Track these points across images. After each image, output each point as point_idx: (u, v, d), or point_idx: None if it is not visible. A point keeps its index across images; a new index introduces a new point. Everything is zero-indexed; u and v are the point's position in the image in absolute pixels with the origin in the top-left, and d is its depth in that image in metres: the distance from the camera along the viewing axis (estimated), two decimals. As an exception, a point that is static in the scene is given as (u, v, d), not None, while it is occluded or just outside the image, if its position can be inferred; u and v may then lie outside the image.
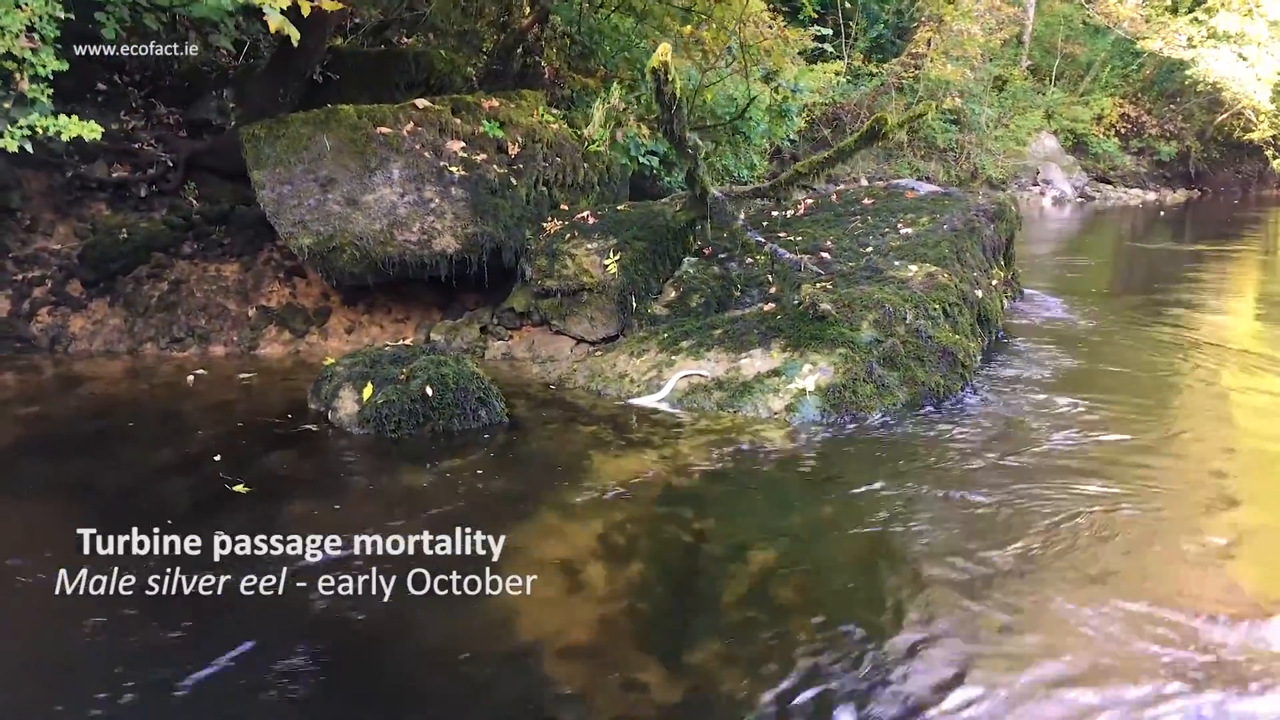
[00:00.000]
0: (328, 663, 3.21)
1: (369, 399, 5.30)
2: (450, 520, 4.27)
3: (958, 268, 7.22)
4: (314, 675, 3.14)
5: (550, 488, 4.64)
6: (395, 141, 7.14)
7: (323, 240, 6.77)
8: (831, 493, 4.53)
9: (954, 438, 5.20)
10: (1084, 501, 4.33)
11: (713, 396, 5.86)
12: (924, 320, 6.20)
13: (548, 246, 7.32)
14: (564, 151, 8.31)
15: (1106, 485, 4.50)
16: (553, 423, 5.66)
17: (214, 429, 5.67)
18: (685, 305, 7.10)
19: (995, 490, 4.47)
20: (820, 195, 9.53)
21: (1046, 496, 4.39)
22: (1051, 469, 4.75)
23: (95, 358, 7.45)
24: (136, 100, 9.44)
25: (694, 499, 4.51)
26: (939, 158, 30.08)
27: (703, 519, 4.30)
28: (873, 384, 5.72)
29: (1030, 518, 4.16)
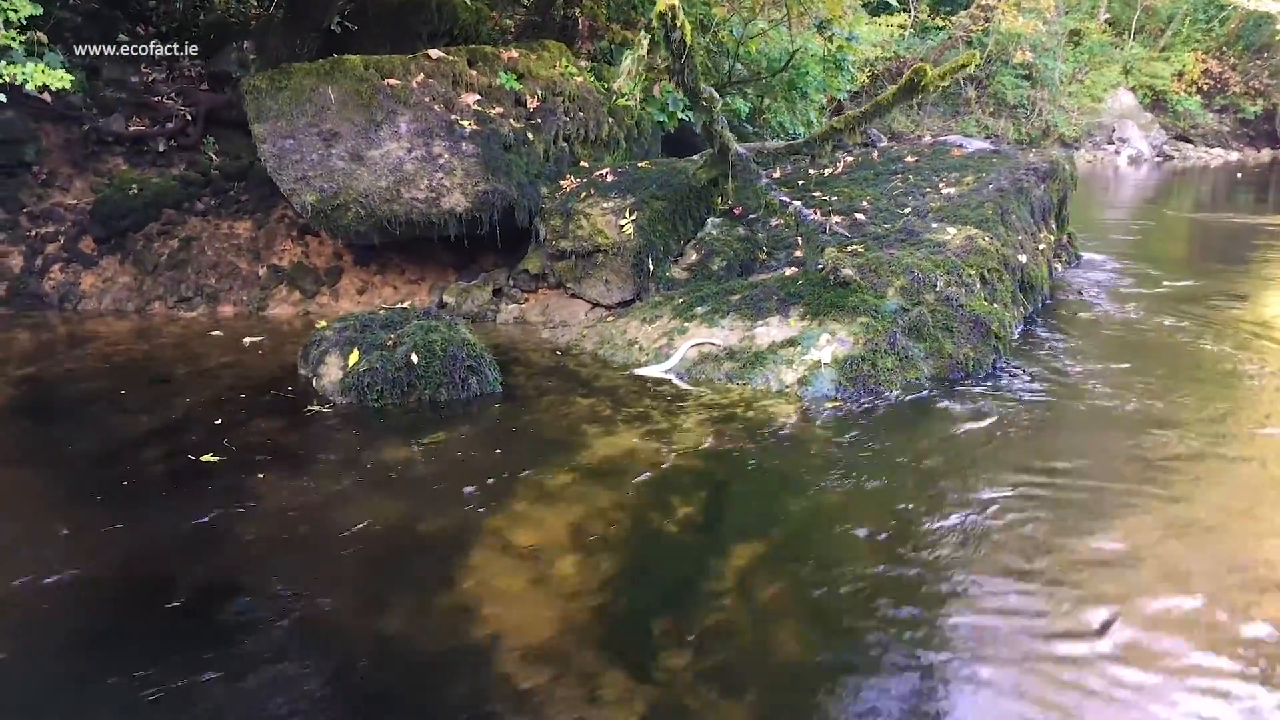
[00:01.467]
0: (270, 656, 2.93)
1: (353, 366, 5.02)
2: (421, 500, 4.01)
3: (1001, 230, 6.72)
4: (255, 668, 2.86)
5: (534, 466, 4.32)
6: (403, 94, 6.81)
7: (327, 198, 6.49)
8: (834, 479, 4.14)
9: (978, 417, 4.76)
10: (1124, 498, 3.89)
11: (723, 367, 5.48)
12: (956, 287, 5.73)
13: (562, 205, 6.96)
14: (588, 106, 7.92)
15: (1147, 482, 4.04)
16: (550, 393, 5.33)
17: (203, 394, 5.45)
18: (706, 269, 6.70)
19: (1020, 481, 4.04)
20: (863, 153, 9.02)
21: (1078, 492, 3.95)
22: (1086, 457, 4.30)
23: (104, 317, 7.30)
24: (159, 52, 9.24)
25: (684, 482, 4.15)
26: (1009, 115, 29.11)
27: (689, 505, 3.94)
28: (895, 356, 5.30)
29: (1062, 518, 3.73)
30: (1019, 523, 3.66)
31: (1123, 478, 4.05)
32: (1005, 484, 4.00)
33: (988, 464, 4.22)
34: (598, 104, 7.99)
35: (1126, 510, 3.75)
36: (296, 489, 4.15)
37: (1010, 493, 3.91)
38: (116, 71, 8.81)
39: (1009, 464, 4.21)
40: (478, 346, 5.21)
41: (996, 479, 4.05)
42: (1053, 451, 4.34)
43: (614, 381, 5.50)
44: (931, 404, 4.98)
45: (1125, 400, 4.96)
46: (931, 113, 29.46)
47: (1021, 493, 3.91)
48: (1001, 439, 4.50)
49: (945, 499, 3.88)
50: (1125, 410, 4.83)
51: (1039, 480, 4.03)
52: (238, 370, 5.90)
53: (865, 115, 7.15)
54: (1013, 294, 6.38)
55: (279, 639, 3.02)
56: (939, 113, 29.60)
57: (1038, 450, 4.37)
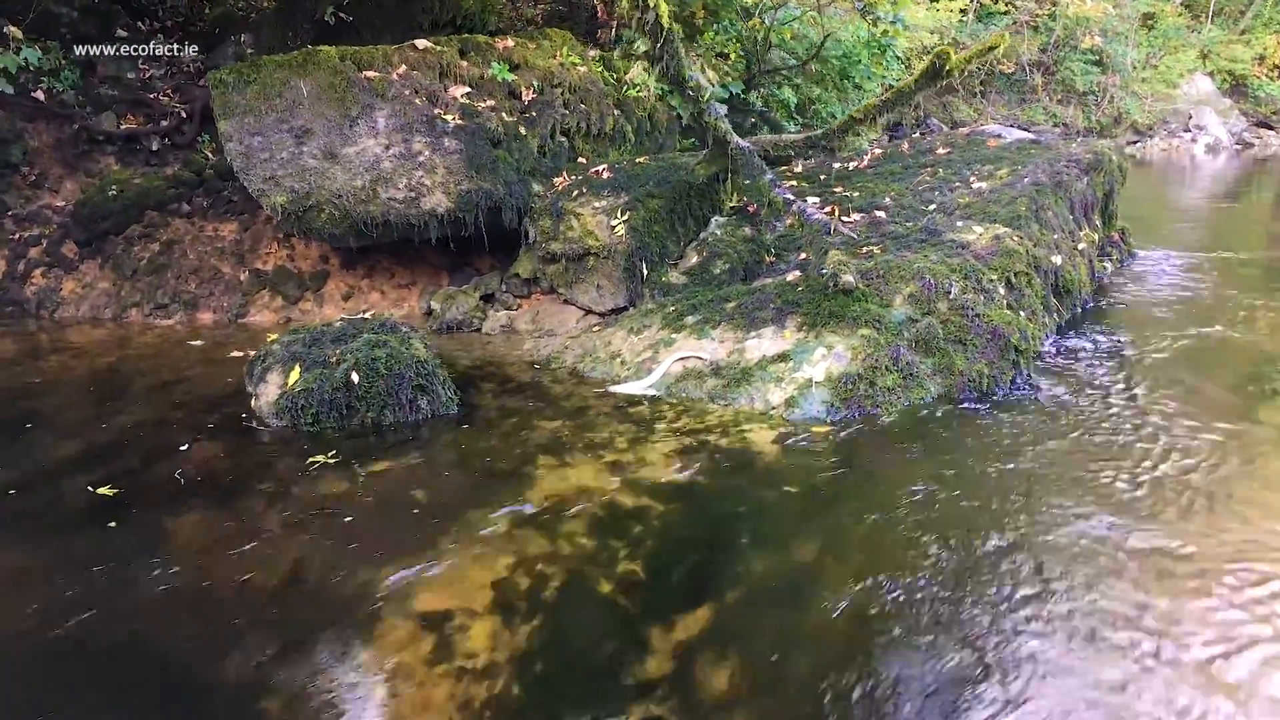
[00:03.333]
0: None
1: (291, 386, 4.57)
2: (339, 544, 3.54)
3: (1034, 229, 6.06)
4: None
5: (471, 505, 3.82)
6: (381, 87, 6.36)
7: (298, 198, 6.06)
8: (807, 527, 3.57)
9: (987, 450, 4.15)
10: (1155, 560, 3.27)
11: (706, 384, 4.93)
12: (974, 294, 5.11)
13: (553, 205, 6.45)
14: (590, 97, 7.40)
15: (1184, 530, 3.42)
16: (512, 415, 4.83)
17: (142, 414, 5.07)
18: (707, 273, 6.15)
19: (1030, 533, 3.44)
20: (892, 145, 8.38)
21: (1103, 552, 3.34)
22: (1113, 505, 3.67)
23: (80, 324, 6.99)
24: (161, 51, 8.93)
25: (633, 528, 3.62)
26: (1079, 102, 28.01)
27: (633, 559, 3.40)
28: (897, 373, 4.70)
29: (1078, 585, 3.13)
30: (1035, 599, 3.07)
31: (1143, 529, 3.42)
32: (1011, 543, 3.39)
33: (990, 514, 3.62)
34: (602, 95, 7.47)
35: (1157, 584, 3.14)
36: (208, 529, 3.72)
37: (1020, 557, 3.32)
38: (112, 68, 8.50)
39: (1016, 514, 3.60)
40: (430, 363, 4.73)
41: (1000, 535, 3.44)
42: (1070, 501, 3.72)
43: (585, 401, 4.98)
44: (935, 430, 4.38)
45: (1162, 430, 4.30)
46: (996, 101, 28.48)
47: (1035, 557, 3.31)
48: (1012, 478, 3.88)
49: (936, 562, 3.29)
50: (1161, 444, 4.17)
51: (1051, 538, 3.42)
52: (193, 386, 5.51)
53: (886, 104, 6.56)
54: (1043, 300, 5.73)
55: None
56: (1004, 101, 28.59)
57: (1052, 493, 3.74)
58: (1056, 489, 3.73)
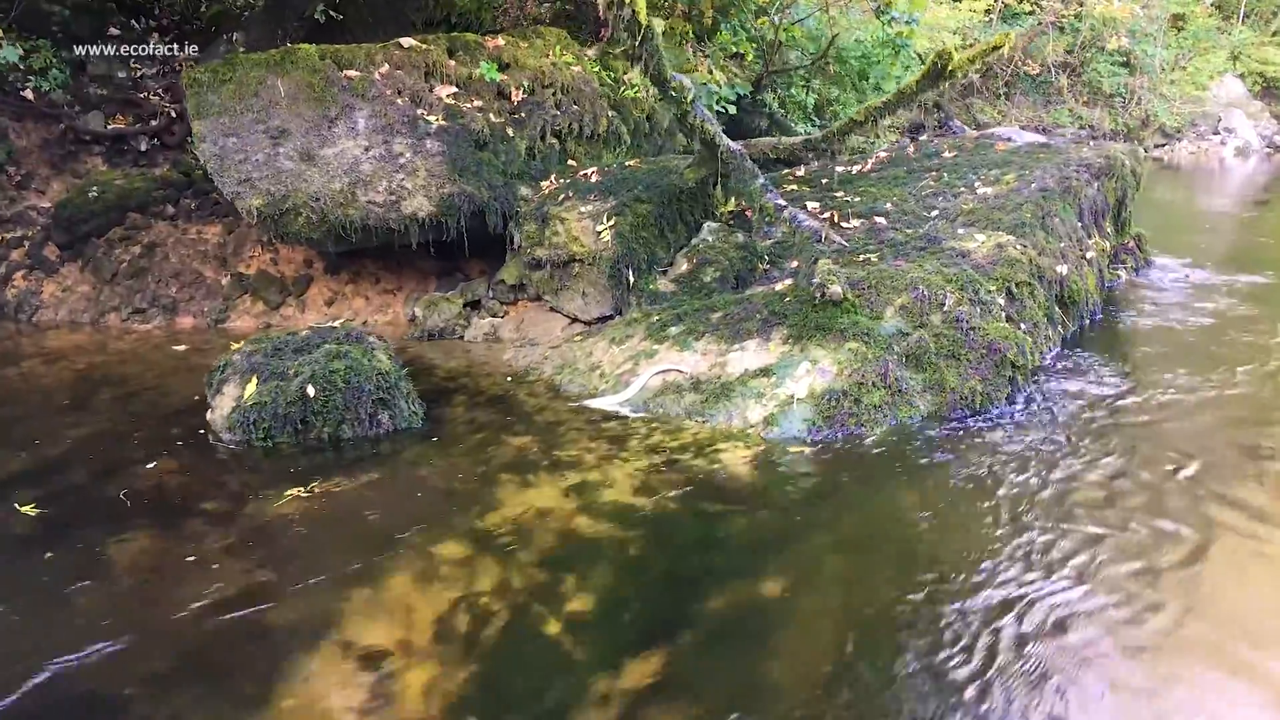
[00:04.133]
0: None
1: (246, 399, 4.36)
2: (283, 571, 3.33)
3: (1039, 237, 5.78)
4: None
5: (425, 529, 3.60)
6: (361, 86, 6.15)
7: (274, 201, 5.85)
8: (775, 560, 3.32)
9: (974, 473, 3.89)
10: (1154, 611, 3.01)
11: (684, 400, 4.69)
12: (969, 306, 4.84)
13: (538, 209, 6.22)
14: (584, 98, 7.17)
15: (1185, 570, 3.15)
16: (481, 430, 4.60)
17: (102, 425, 4.88)
18: (697, 280, 5.89)
19: (1016, 573, 3.19)
20: (898, 148, 8.11)
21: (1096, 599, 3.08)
22: (1107, 544, 3.41)
23: (59, 329, 6.81)
24: (159, 51, 8.78)
25: (590, 559, 3.39)
26: (1105, 104, 27.52)
27: (587, 593, 3.17)
28: (885, 390, 4.44)
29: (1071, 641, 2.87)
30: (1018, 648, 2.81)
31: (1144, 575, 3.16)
32: (996, 585, 3.13)
33: (975, 550, 3.36)
34: (595, 96, 7.23)
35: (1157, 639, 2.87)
36: (146, 554, 3.51)
37: (1007, 601, 3.06)
38: (102, 67, 8.35)
39: (1002, 551, 3.34)
40: (393, 375, 4.50)
41: (985, 577, 3.19)
42: (1058, 536, 3.45)
43: (559, 416, 4.75)
44: (921, 453, 4.12)
45: (1162, 457, 4.03)
46: (1021, 103, 28.01)
47: (1020, 603, 3.05)
48: (1001, 508, 3.62)
49: (915, 606, 3.03)
50: (1160, 474, 3.90)
51: (1036, 582, 3.16)
52: (159, 395, 5.32)
53: (888, 106, 6.32)
54: (1047, 312, 5.45)
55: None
56: (1029, 103, 28.12)
57: (1038, 529, 3.48)
58: (1043, 526, 3.46)
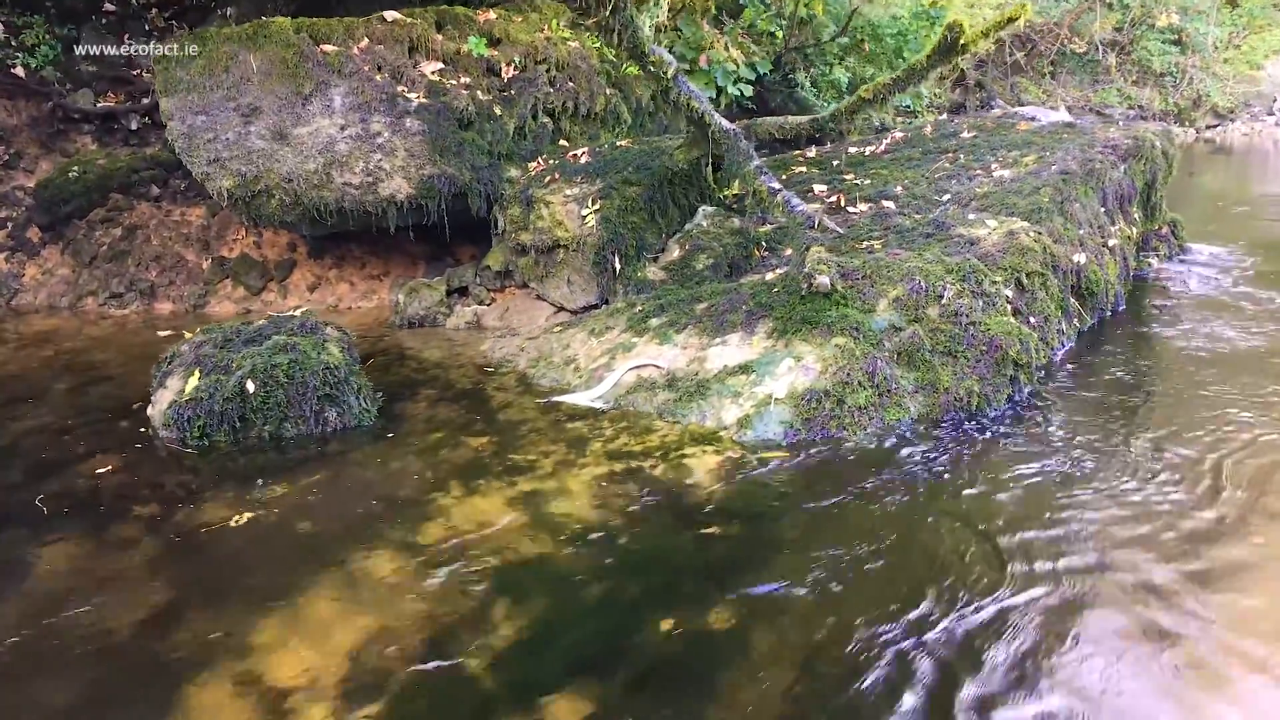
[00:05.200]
0: None
1: (184, 394, 4.10)
2: (195, 591, 3.05)
3: (1056, 223, 5.38)
4: None
5: (357, 543, 3.31)
6: (338, 62, 5.86)
7: (246, 182, 5.58)
8: (728, 586, 2.98)
9: (963, 484, 3.53)
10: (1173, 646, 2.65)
11: (658, 397, 4.36)
12: (970, 299, 4.46)
13: (523, 191, 5.91)
14: (580, 75, 6.83)
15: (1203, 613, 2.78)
16: (439, 428, 4.31)
17: (51, 418, 4.67)
18: (689, 268, 5.55)
19: (1004, 609, 2.84)
20: (914, 128, 7.69)
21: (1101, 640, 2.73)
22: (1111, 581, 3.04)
23: (37, 313, 6.63)
24: (152, 23, 8.55)
25: (527, 580, 3.07)
26: (1155, 83, 26.67)
27: (515, 621, 2.84)
28: (872, 390, 4.09)
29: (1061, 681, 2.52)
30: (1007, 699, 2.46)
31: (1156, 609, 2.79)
32: (986, 618, 2.78)
33: (963, 576, 3.00)
34: (593, 72, 6.88)
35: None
36: (69, 561, 3.26)
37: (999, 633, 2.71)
38: (95, 44, 8.13)
39: (987, 579, 2.99)
40: (341, 369, 4.21)
41: (973, 605, 2.83)
42: (1054, 565, 3.09)
43: (524, 414, 4.44)
44: (907, 460, 3.76)
45: (1183, 472, 3.64)
46: (1067, 82, 27.21)
47: (1013, 638, 2.70)
48: (992, 524, 3.26)
49: (886, 641, 2.68)
50: (1179, 494, 3.51)
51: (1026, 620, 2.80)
52: (117, 386, 5.09)
53: (897, 83, 5.93)
54: (1060, 303, 5.05)
55: None
56: (1075, 82, 27.32)
57: (1034, 553, 3.12)
58: (1037, 551, 3.09)
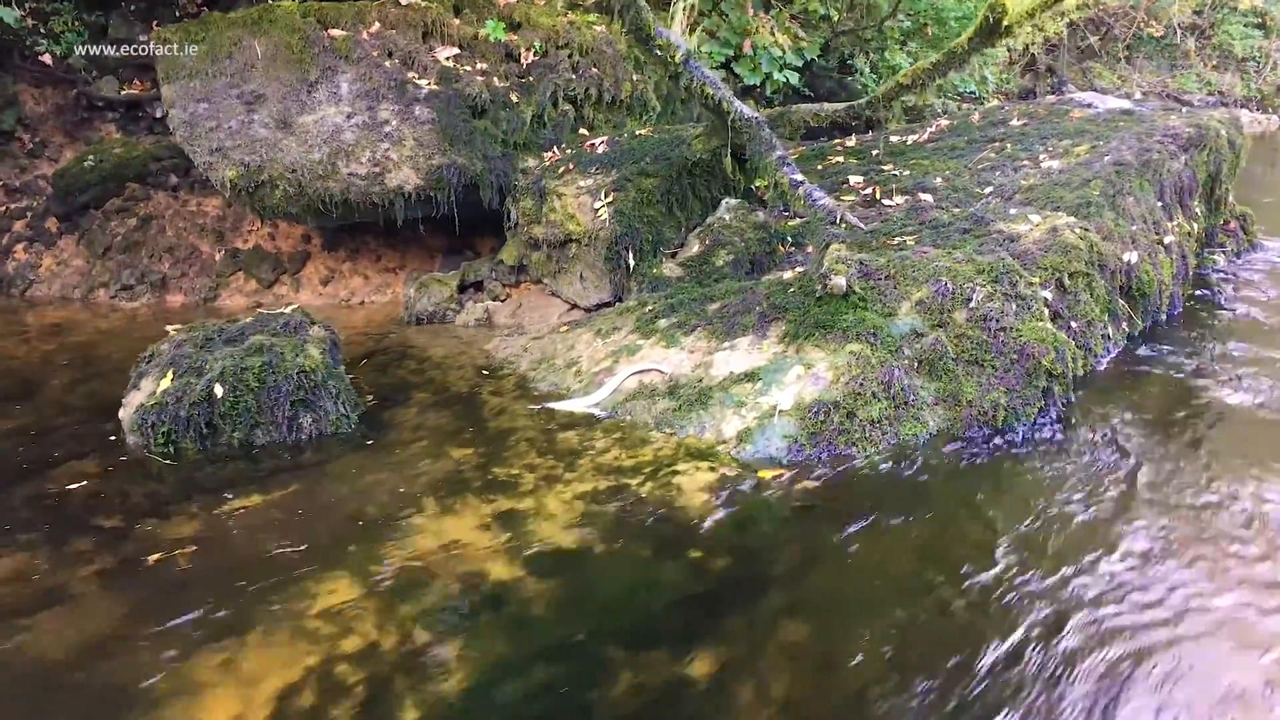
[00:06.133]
0: None
1: (155, 396, 3.90)
2: (134, 614, 2.83)
3: (1106, 218, 4.96)
4: None
5: (316, 566, 3.06)
6: (345, 47, 5.63)
7: (249, 173, 5.38)
8: (707, 629, 2.68)
9: (980, 512, 3.19)
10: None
11: (656, 406, 4.06)
12: (1002, 301, 4.08)
13: (536, 183, 5.63)
14: (604, 60, 6.53)
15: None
16: (423, 437, 4.05)
17: (32, 419, 4.50)
18: (708, 264, 5.23)
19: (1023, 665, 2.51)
20: (961, 115, 7.28)
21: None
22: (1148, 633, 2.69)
23: (50, 305, 6.51)
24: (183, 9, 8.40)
25: (487, 615, 2.79)
26: (1237, 68, 25.61)
27: (467, 664, 2.57)
28: (887, 401, 3.74)
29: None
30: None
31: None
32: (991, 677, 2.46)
33: (966, 623, 2.67)
34: (619, 58, 6.58)
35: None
36: (21, 577, 3.07)
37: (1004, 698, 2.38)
38: (123, 30, 8.01)
39: (1004, 626, 2.65)
40: (319, 373, 3.97)
41: (979, 661, 2.51)
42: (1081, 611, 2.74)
43: (516, 422, 4.17)
44: (919, 482, 3.42)
45: (1239, 500, 3.25)
46: (1143, 67, 26.22)
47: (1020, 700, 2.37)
48: (1012, 559, 2.92)
49: (877, 707, 2.37)
50: (1231, 529, 3.13)
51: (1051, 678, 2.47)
52: (107, 384, 4.90)
53: (937, 67, 5.59)
54: (1107, 306, 4.65)
55: None
56: (1153, 67, 26.31)
57: (1054, 596, 2.77)
58: (1061, 593, 2.74)
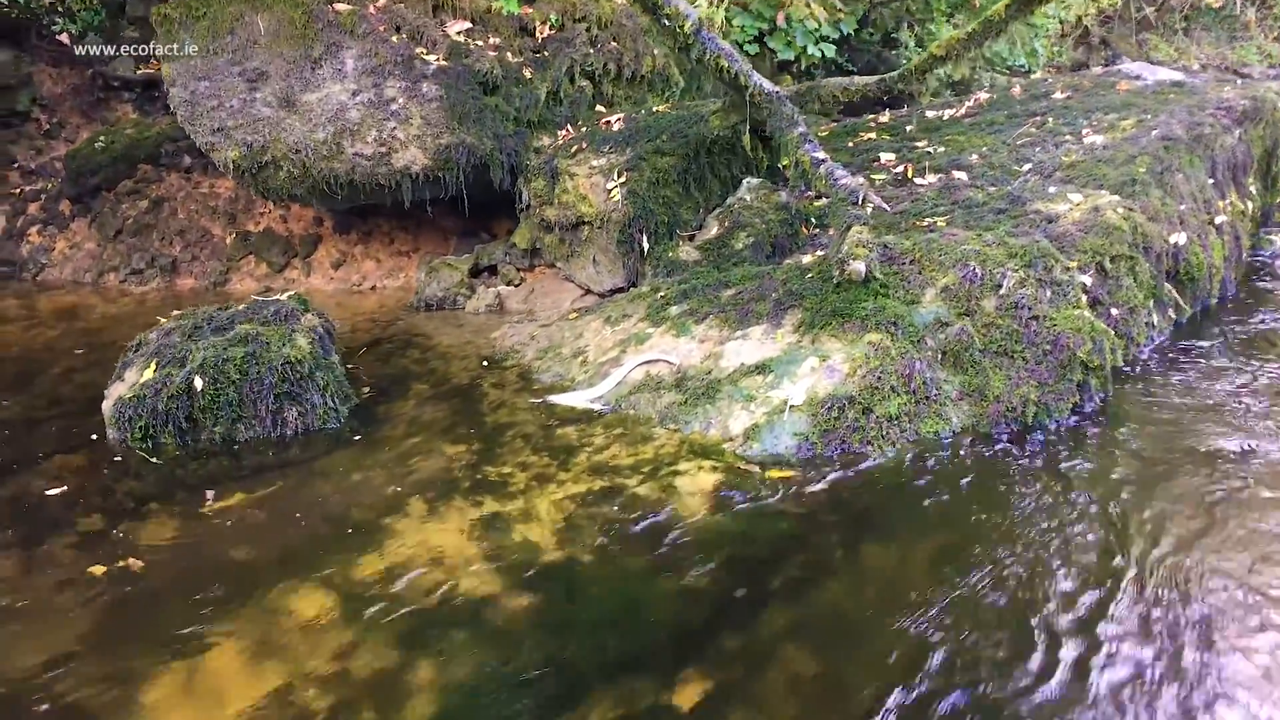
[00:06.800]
0: None
1: (133, 389, 3.72)
2: (97, 627, 2.66)
3: (1153, 197, 4.64)
4: None
5: (290, 575, 2.85)
6: (350, 22, 5.42)
7: (252, 153, 5.20)
8: (694, 655, 2.45)
9: (1003, 518, 2.91)
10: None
11: (661, 400, 3.82)
12: (1035, 288, 3.78)
13: (548, 162, 5.39)
14: (624, 33, 6.26)
15: None
16: (417, 432, 3.85)
17: (21, 409, 4.39)
18: (727, 248, 4.96)
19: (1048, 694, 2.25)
20: (1001, 89, 6.92)
21: None
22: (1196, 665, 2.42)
23: (61, 289, 6.39)
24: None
25: (460, 632, 2.57)
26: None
27: (435, 687, 2.36)
28: (907, 396, 3.47)
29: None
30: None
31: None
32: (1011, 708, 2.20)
33: (986, 647, 2.41)
34: (639, 32, 6.30)
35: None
36: None
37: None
38: (141, 9, 7.87)
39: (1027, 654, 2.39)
40: (305, 365, 3.76)
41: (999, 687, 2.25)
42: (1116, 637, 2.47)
43: (514, 416, 3.95)
44: (936, 484, 3.15)
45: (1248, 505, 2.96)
46: (1201, 39, 25.35)
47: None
48: (1034, 574, 2.65)
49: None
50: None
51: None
52: (103, 373, 4.75)
53: (972, 37, 5.26)
54: (1152, 291, 4.33)
55: None
56: (1211, 38, 25.43)
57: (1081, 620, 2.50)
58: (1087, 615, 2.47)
